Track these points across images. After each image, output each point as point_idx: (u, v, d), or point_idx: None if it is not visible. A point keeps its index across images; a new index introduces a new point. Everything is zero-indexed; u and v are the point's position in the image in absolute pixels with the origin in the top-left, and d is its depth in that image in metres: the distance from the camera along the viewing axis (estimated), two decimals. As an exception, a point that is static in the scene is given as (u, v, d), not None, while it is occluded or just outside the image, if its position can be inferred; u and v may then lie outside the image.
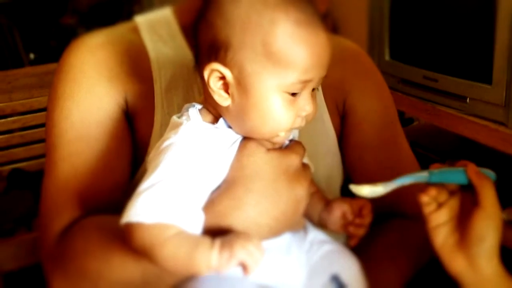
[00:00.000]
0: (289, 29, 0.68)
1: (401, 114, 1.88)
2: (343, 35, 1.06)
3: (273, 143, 0.75)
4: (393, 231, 0.93)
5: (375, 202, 0.77)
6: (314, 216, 0.81)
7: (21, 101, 1.82)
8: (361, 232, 0.78)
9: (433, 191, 0.73)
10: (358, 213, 0.78)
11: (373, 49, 1.79)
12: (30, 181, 1.65)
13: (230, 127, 0.74)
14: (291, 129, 0.73)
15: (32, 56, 3.24)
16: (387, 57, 1.76)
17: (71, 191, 0.84)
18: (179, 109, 0.77)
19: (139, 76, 0.89)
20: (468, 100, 1.47)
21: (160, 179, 0.67)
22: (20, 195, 1.71)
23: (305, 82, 0.70)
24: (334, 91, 0.94)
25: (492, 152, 1.46)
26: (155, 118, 0.87)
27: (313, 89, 0.73)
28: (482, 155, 1.60)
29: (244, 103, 0.70)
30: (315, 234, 0.79)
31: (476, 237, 0.70)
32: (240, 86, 0.70)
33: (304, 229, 0.79)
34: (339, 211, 0.79)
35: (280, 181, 0.72)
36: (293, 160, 0.74)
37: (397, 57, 1.74)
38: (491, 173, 0.75)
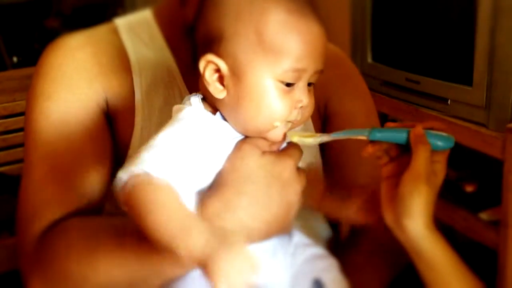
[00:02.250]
0: (280, 17, 0.68)
1: (383, 116, 1.89)
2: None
3: (270, 143, 0.74)
4: (372, 235, 0.93)
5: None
6: (314, 201, 0.79)
7: (3, 105, 1.80)
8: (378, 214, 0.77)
9: (369, 149, 0.73)
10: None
11: (355, 52, 1.80)
12: (12, 185, 1.63)
13: (226, 121, 0.73)
14: (288, 122, 0.72)
15: (15, 59, 3.21)
16: (369, 59, 1.77)
17: (49, 192, 0.83)
18: (160, 112, 0.77)
19: (119, 77, 0.88)
20: (449, 101, 1.49)
21: (166, 144, 0.67)
22: (2, 200, 1.70)
23: (299, 71, 0.69)
24: (316, 94, 0.94)
25: (474, 153, 1.48)
26: (135, 120, 0.87)
27: (310, 84, 0.73)
28: (463, 156, 1.62)
29: (239, 94, 0.70)
30: (299, 238, 0.79)
31: (400, 196, 0.71)
32: (234, 76, 0.70)
33: (290, 233, 0.79)
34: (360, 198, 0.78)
35: (273, 185, 0.72)
36: (287, 164, 0.73)
37: (380, 59, 1.75)
38: (448, 138, 0.74)
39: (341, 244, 0.98)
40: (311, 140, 0.74)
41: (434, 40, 1.56)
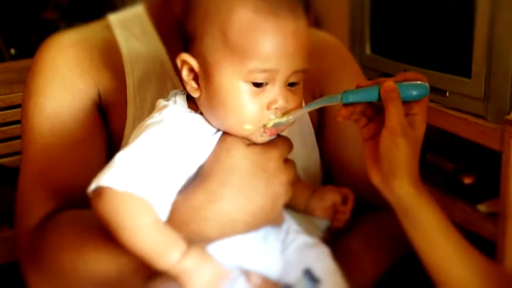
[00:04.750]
0: (246, 16, 0.67)
1: (382, 108, 1.90)
2: (325, 29, 1.06)
3: (250, 140, 0.73)
4: (369, 223, 0.93)
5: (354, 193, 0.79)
6: (300, 203, 0.81)
7: (1, 97, 1.80)
8: (346, 217, 0.80)
9: (343, 112, 0.72)
10: (342, 201, 0.79)
11: (354, 43, 1.80)
12: (11, 177, 1.63)
13: None
14: (261, 124, 0.71)
15: (13, 51, 3.20)
16: (368, 51, 1.77)
17: (45, 185, 0.84)
18: (152, 104, 0.77)
19: (111, 70, 0.89)
20: (447, 93, 1.49)
21: (136, 151, 0.67)
22: (1, 191, 1.70)
23: (269, 72, 0.68)
24: (311, 83, 0.93)
25: (472, 145, 1.48)
26: (128, 113, 0.88)
27: (293, 84, 0.72)
28: (462, 148, 1.62)
29: (210, 94, 0.70)
30: (290, 224, 0.79)
31: (380, 155, 0.70)
32: (205, 76, 0.70)
33: (281, 224, 0.79)
34: (331, 199, 0.80)
35: (258, 176, 0.72)
36: (273, 155, 0.73)
37: (378, 51, 1.75)
38: (422, 86, 0.72)
39: (338, 229, 0.99)
40: (285, 119, 0.71)
41: (432, 31, 1.56)
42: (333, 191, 0.81)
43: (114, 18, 0.95)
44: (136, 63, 0.90)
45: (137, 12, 0.96)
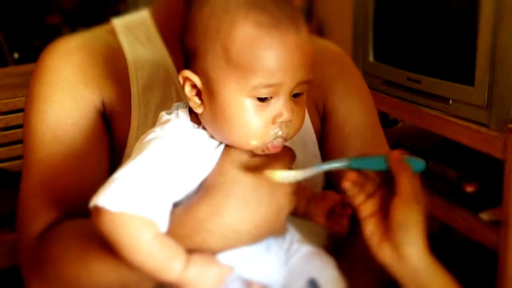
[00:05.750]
0: (248, 31, 0.66)
1: (385, 116, 1.90)
2: (328, 37, 1.06)
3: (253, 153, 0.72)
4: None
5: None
6: (299, 208, 0.81)
7: (4, 101, 1.80)
8: (344, 221, 0.78)
9: (353, 175, 0.72)
10: (341, 204, 0.78)
11: (357, 51, 1.80)
12: (13, 181, 1.64)
13: None
14: (267, 138, 0.70)
15: (16, 55, 3.21)
16: (371, 58, 1.77)
17: (48, 193, 0.83)
18: (156, 111, 0.77)
19: (115, 77, 0.88)
20: (450, 101, 1.49)
21: (136, 169, 0.66)
22: (3, 195, 1.70)
23: (274, 86, 0.67)
24: (314, 92, 0.93)
25: (475, 153, 1.48)
26: (132, 120, 0.87)
27: (297, 95, 0.71)
28: (464, 156, 1.62)
29: (213, 110, 0.69)
30: (294, 234, 0.79)
31: (396, 225, 0.69)
32: (208, 92, 0.69)
33: (284, 234, 0.78)
34: (329, 203, 0.78)
35: (262, 187, 0.70)
36: (277, 166, 0.72)
37: (381, 58, 1.75)
38: (420, 162, 0.73)
39: (339, 241, 0.98)
40: (293, 174, 0.71)
41: (436, 39, 1.56)
42: (332, 195, 0.80)
43: (118, 23, 0.94)
44: (140, 70, 0.89)
45: (142, 17, 0.95)
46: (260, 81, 0.66)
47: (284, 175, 0.70)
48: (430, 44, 1.58)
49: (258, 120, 0.68)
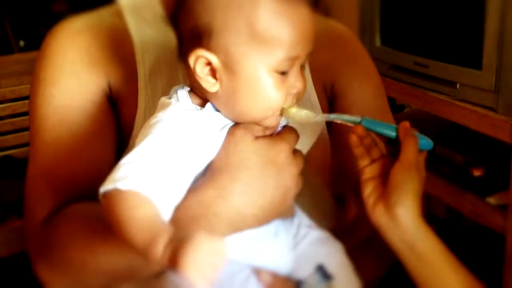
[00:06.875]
0: (272, 7, 0.67)
1: (392, 101, 1.89)
2: (335, 21, 1.05)
3: (264, 128, 0.73)
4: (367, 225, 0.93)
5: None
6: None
7: (10, 88, 1.80)
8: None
9: (360, 129, 0.73)
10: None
11: (364, 35, 1.79)
12: (21, 168, 1.64)
13: (218, 111, 0.73)
14: (281, 109, 0.72)
15: (22, 43, 3.21)
16: (378, 43, 1.76)
17: (54, 177, 0.83)
18: (163, 93, 0.76)
19: (122, 60, 0.88)
20: (458, 85, 1.48)
21: (142, 153, 0.66)
22: (11, 182, 1.71)
23: (293, 59, 0.69)
24: (322, 73, 0.93)
25: (482, 138, 1.47)
26: (139, 102, 0.86)
27: (301, 66, 0.72)
28: (471, 140, 1.61)
29: (234, 87, 0.69)
30: (302, 218, 0.79)
31: (392, 186, 0.72)
32: (228, 70, 0.69)
33: (292, 216, 0.79)
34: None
35: (267, 170, 0.71)
36: (282, 148, 0.72)
37: (388, 43, 1.74)
38: (428, 141, 0.75)
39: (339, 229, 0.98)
40: (305, 115, 0.73)
41: (443, 23, 1.55)
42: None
43: (125, 3, 0.93)
44: (147, 52, 0.88)
45: None
46: (284, 54, 0.68)
47: (296, 113, 0.72)
48: (437, 28, 1.57)
49: (279, 93, 0.70)
